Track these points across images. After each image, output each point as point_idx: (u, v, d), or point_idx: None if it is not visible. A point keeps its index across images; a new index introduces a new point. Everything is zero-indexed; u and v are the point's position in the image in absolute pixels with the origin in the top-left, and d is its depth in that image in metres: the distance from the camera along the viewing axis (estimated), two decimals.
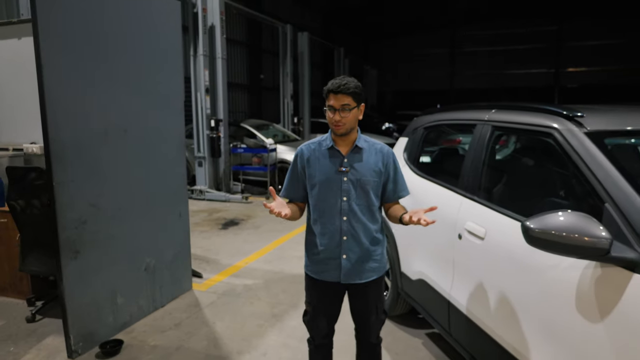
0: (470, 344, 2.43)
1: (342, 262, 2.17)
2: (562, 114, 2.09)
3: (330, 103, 2.07)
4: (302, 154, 2.22)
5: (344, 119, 2.06)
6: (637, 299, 1.50)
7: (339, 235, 2.16)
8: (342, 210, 2.14)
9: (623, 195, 1.67)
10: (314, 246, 2.22)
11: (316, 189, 2.17)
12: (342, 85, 2.04)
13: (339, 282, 2.21)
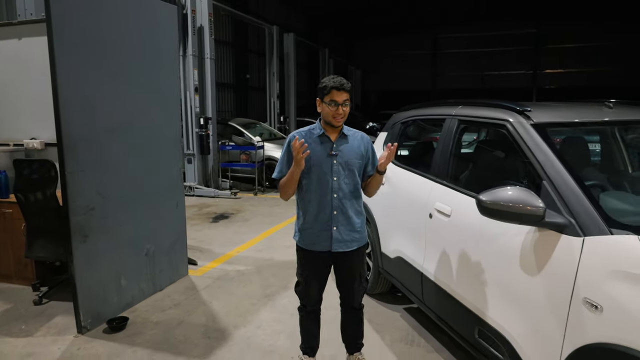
0: (439, 307, 2.81)
1: (333, 233, 2.52)
2: (514, 109, 2.47)
3: (334, 98, 2.42)
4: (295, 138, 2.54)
5: (344, 112, 2.43)
6: (564, 253, 1.87)
7: (330, 210, 2.51)
8: (333, 188, 2.50)
9: (557, 175, 2.04)
10: (308, 220, 2.55)
11: (310, 170, 2.50)
12: (344, 84, 2.43)
13: (329, 252, 2.55)
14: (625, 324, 1.60)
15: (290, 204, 8.13)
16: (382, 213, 3.56)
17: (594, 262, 1.75)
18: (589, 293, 1.73)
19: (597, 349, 1.68)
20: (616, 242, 1.74)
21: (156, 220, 4.10)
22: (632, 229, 1.76)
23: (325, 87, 2.44)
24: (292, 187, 2.51)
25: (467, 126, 2.95)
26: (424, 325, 3.46)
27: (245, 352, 3.12)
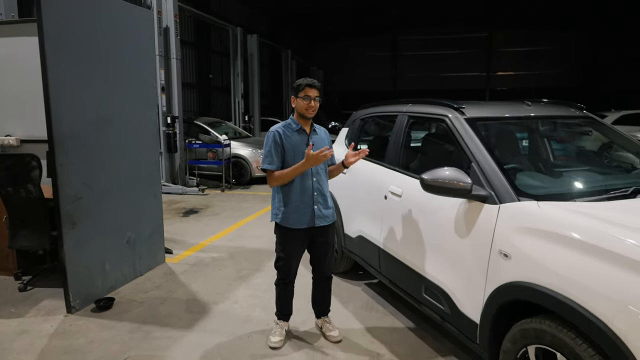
0: (394, 275, 3.30)
1: (315, 210, 2.99)
2: (452, 106, 2.99)
3: (307, 93, 2.90)
4: (278, 133, 2.98)
5: (315, 105, 2.91)
6: (485, 217, 2.39)
7: (311, 191, 2.98)
8: (312, 173, 2.98)
9: (482, 158, 2.57)
10: (293, 200, 2.98)
11: (294, 158, 2.94)
12: (315, 82, 2.93)
13: (310, 227, 3.00)
14: (527, 266, 2.12)
15: (257, 200, 8.52)
16: (345, 199, 4.03)
17: (505, 222, 2.28)
18: (502, 246, 2.25)
19: (509, 287, 2.19)
20: (521, 206, 2.27)
21: (136, 210, 4.41)
22: (533, 197, 2.30)
23: (300, 85, 2.91)
24: (290, 177, 2.92)
25: (415, 121, 3.46)
26: (382, 296, 3.96)
27: (225, 322, 3.51)
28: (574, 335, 1.91)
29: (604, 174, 3.02)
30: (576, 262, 1.93)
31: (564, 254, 1.98)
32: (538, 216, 2.18)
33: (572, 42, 26.06)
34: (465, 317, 2.54)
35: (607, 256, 1.84)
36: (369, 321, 3.51)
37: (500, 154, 2.76)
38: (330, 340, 3.20)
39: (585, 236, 1.95)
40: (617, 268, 1.80)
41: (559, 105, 3.48)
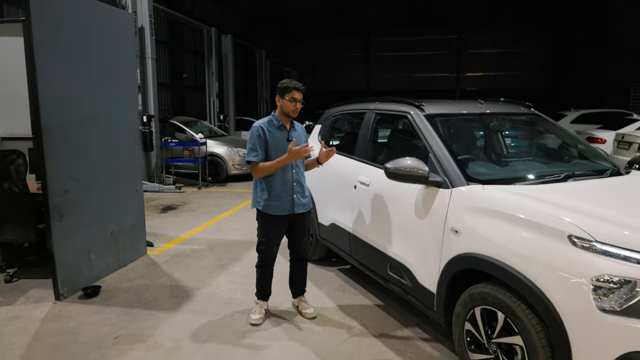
0: (363, 256, 3.64)
1: (294, 198, 3.30)
2: (413, 104, 3.34)
3: (294, 96, 3.21)
4: (262, 128, 3.27)
5: (299, 107, 3.23)
6: (440, 200, 2.74)
7: (291, 181, 3.28)
8: (292, 165, 3.28)
9: (438, 149, 2.92)
10: (275, 190, 3.27)
11: (275, 152, 3.24)
12: (301, 86, 3.24)
13: (290, 214, 3.31)
14: (472, 239, 2.48)
15: (233, 196, 8.76)
16: (318, 190, 4.34)
17: (456, 203, 2.64)
18: (453, 223, 2.61)
19: (459, 259, 2.55)
20: (469, 190, 2.63)
21: (119, 203, 4.62)
22: (480, 182, 2.66)
23: (287, 87, 3.21)
24: (273, 170, 3.21)
25: (382, 117, 3.80)
26: (353, 279, 4.29)
27: (209, 304, 3.78)
28: (510, 295, 2.28)
29: (544, 163, 3.43)
30: (511, 233, 2.30)
31: (502, 228, 2.35)
32: (482, 197, 2.54)
33: (539, 45, 27.14)
34: (424, 289, 2.89)
35: (536, 227, 2.22)
36: (341, 300, 3.84)
37: (454, 145, 3.13)
38: (306, 317, 3.51)
39: (519, 212, 2.32)
40: (542, 236, 2.17)
41: (510, 104, 3.88)
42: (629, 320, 1.92)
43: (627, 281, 1.95)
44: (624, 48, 19.81)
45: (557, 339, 2.07)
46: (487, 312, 2.44)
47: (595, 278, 1.98)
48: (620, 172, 3.16)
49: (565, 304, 2.04)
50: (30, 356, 2.99)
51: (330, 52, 29.27)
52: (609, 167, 3.23)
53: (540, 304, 2.12)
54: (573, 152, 3.58)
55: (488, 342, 2.46)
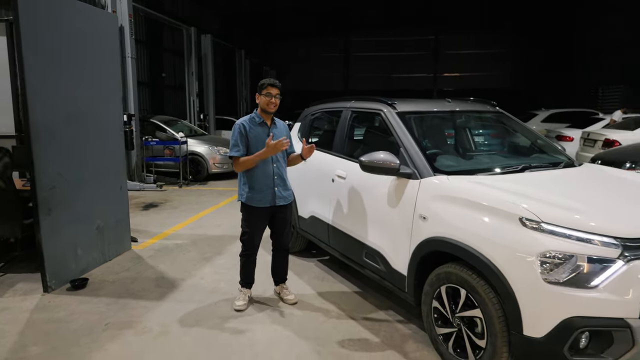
0: (340, 245, 3.88)
1: (276, 191, 3.50)
2: (386, 102, 3.59)
3: (269, 91, 3.42)
4: (243, 125, 3.47)
5: (276, 102, 3.44)
6: (410, 190, 2.99)
7: (272, 175, 3.48)
8: (273, 160, 3.48)
9: (408, 144, 3.17)
10: (257, 183, 3.47)
11: (256, 147, 3.43)
12: (276, 82, 3.46)
13: (271, 206, 3.51)
14: (438, 224, 2.73)
15: (214, 194, 8.90)
16: (298, 185, 4.54)
17: (424, 193, 2.89)
18: (421, 211, 2.86)
19: (427, 242, 2.81)
20: (435, 180, 2.89)
21: (104, 199, 4.75)
22: (445, 173, 2.93)
23: (263, 84, 3.44)
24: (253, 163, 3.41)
25: (357, 115, 4.04)
26: (332, 269, 4.52)
27: (194, 293, 3.96)
28: (471, 273, 2.54)
29: (506, 156, 3.73)
30: (472, 218, 2.56)
31: (464, 213, 2.61)
32: (446, 186, 2.81)
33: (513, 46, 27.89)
34: (397, 272, 3.14)
35: (492, 212, 2.48)
36: (321, 288, 4.07)
37: (424, 140, 3.39)
38: (287, 302, 3.73)
39: (478, 199, 2.59)
40: (498, 219, 2.44)
41: (477, 102, 4.17)
42: (570, 289, 2.20)
43: (570, 256, 2.22)
44: (594, 50, 20.59)
45: (510, 309, 2.34)
46: (452, 290, 2.70)
47: (542, 254, 2.25)
48: (574, 165, 3.47)
49: (517, 278, 2.31)
50: (24, 342, 3.13)
51: (310, 52, 29.51)
52: (564, 160, 3.54)
53: (496, 279, 2.39)
54: (533, 146, 3.88)
55: (452, 316, 2.72)
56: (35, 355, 2.97)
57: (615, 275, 2.19)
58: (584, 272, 2.21)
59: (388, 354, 2.98)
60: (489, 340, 2.47)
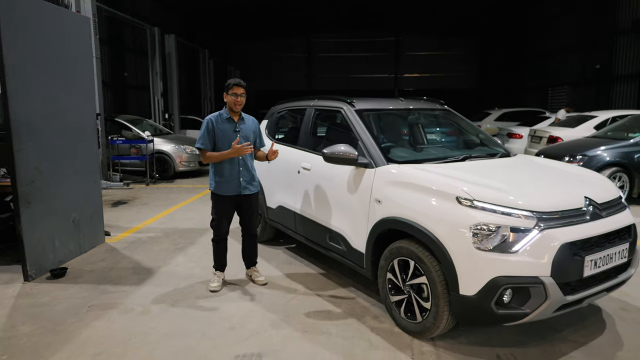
0: (306, 231, 4.26)
1: (241, 181, 3.84)
2: (345, 100, 4.01)
3: (235, 91, 3.75)
4: (212, 120, 3.81)
5: (241, 100, 3.77)
6: (367, 178, 3.41)
7: (237, 166, 3.82)
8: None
9: (365, 137, 3.60)
10: (223, 174, 3.82)
11: (222, 141, 3.77)
12: (241, 82, 3.78)
13: (237, 195, 3.85)
14: (391, 206, 3.17)
15: (182, 191, 9.12)
16: (266, 178, 4.90)
17: (379, 179, 3.32)
18: (376, 195, 3.29)
19: (381, 222, 3.23)
20: (388, 168, 3.33)
21: (79, 193, 4.95)
22: (397, 162, 3.37)
23: (229, 84, 3.77)
24: (219, 160, 3.76)
25: (320, 112, 4.44)
26: (299, 255, 4.91)
27: (170, 279, 4.26)
28: (418, 246, 2.98)
29: (451, 148, 4.21)
30: (418, 199, 3.00)
31: (411, 195, 3.06)
32: (397, 173, 3.25)
33: (470, 48, 29.13)
34: (356, 251, 3.56)
35: (435, 193, 2.93)
36: (288, 270, 4.45)
37: (379, 134, 3.83)
38: (258, 283, 4.08)
39: (423, 183, 3.04)
40: (439, 199, 2.89)
41: (427, 101, 4.65)
42: (496, 255, 2.66)
43: (497, 227, 2.69)
44: (544, 52, 21.84)
45: (449, 274, 2.79)
46: (403, 262, 3.14)
47: (474, 226, 2.71)
48: (508, 155, 3.99)
49: (455, 247, 2.76)
50: (12, 323, 3.36)
51: (273, 52, 29.81)
52: (500, 151, 4.06)
53: (438, 250, 2.83)
54: (475, 140, 4.39)
55: (403, 285, 3.15)
56: (26, 333, 3.21)
57: (532, 241, 2.67)
58: (508, 240, 2.69)
59: (349, 322, 3.39)
60: (433, 301, 2.92)
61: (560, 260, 2.68)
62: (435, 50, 29.79)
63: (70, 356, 2.91)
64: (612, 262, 2.95)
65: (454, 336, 3.15)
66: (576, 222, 2.83)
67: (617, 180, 7.33)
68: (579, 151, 7.60)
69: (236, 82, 3.79)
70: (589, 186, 3.21)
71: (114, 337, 3.16)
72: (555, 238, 2.70)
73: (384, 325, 3.32)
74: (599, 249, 2.87)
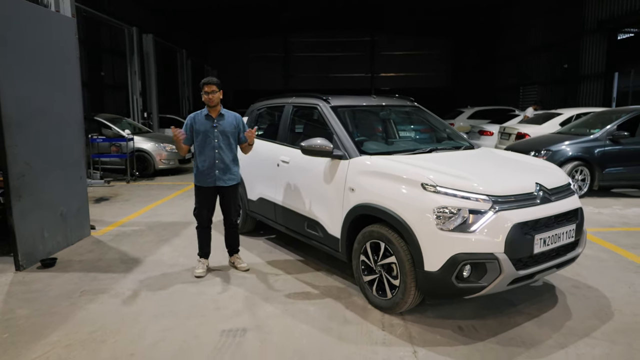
0: (286, 220, 4.54)
1: (217, 173, 4.08)
2: (322, 98, 4.30)
3: (206, 89, 4.01)
4: (191, 117, 4.08)
5: (213, 97, 4.01)
6: (341, 168, 3.71)
7: (214, 160, 4.06)
8: (215, 147, 4.05)
9: (340, 132, 3.90)
10: (201, 167, 4.08)
11: (200, 136, 4.03)
12: (211, 80, 4.04)
13: (214, 186, 4.10)
14: (363, 193, 3.47)
15: (163, 188, 9.28)
16: (247, 172, 5.15)
17: (352, 170, 3.62)
18: (350, 184, 3.59)
19: (355, 208, 3.54)
20: (360, 159, 3.64)
21: (66, 188, 5.13)
22: (369, 154, 3.68)
23: (201, 84, 4.07)
24: (180, 148, 4.08)
25: (298, 109, 4.73)
26: (278, 244, 5.18)
27: (157, 267, 4.48)
28: (388, 229, 3.29)
29: (419, 141, 4.56)
30: (387, 186, 3.32)
31: (382, 183, 3.37)
32: (369, 164, 3.56)
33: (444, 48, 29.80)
34: (332, 236, 3.86)
35: (403, 181, 3.25)
36: (269, 258, 4.72)
37: (353, 128, 4.14)
38: (241, 269, 4.35)
39: (392, 171, 3.36)
40: (407, 186, 3.21)
41: (398, 98, 4.98)
42: (456, 234, 2.99)
43: (458, 210, 3.02)
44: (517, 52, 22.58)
45: (415, 253, 3.11)
46: (374, 245, 3.44)
47: (437, 209, 3.04)
48: (472, 148, 4.34)
49: (420, 229, 3.08)
50: (10, 307, 3.55)
51: (250, 52, 29.93)
52: (464, 144, 4.41)
53: (405, 232, 3.15)
54: (442, 134, 4.74)
55: (375, 265, 3.46)
56: (24, 315, 3.41)
57: (487, 222, 3.01)
58: (467, 221, 3.02)
59: (326, 301, 3.69)
60: (402, 278, 3.23)
61: (513, 239, 3.02)
62: (411, 50, 30.35)
63: (68, 333, 3.13)
64: (560, 241, 3.31)
65: (421, 311, 3.48)
66: (527, 205, 3.18)
67: (579, 174, 7.80)
68: (544, 146, 8.06)
69: (206, 81, 4.07)
70: (540, 174, 3.57)
71: (108, 317, 3.39)
72: (508, 219, 3.04)
73: (357, 303, 3.63)
74: (548, 229, 3.22)
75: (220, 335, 3.13)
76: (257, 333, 3.16)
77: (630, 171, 7.82)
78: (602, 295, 3.79)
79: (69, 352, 2.91)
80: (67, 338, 3.08)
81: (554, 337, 3.12)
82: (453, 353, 2.92)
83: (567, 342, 3.05)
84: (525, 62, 22.05)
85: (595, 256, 4.70)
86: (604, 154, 7.74)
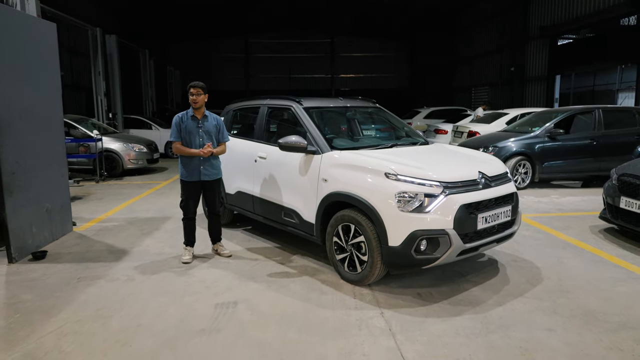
0: (263, 211, 5.03)
1: (201, 169, 4.52)
2: (295, 100, 4.81)
3: (191, 91, 4.45)
4: (179, 117, 4.49)
5: (197, 99, 4.43)
6: (315, 162, 4.24)
7: (198, 157, 4.49)
8: (200, 144, 4.47)
9: (312, 130, 4.42)
10: (187, 164, 4.50)
11: (187, 135, 4.45)
12: (197, 84, 4.46)
13: (199, 181, 4.54)
14: (334, 183, 4.01)
15: (134, 187, 9.52)
16: (226, 168, 5.57)
17: (324, 163, 4.16)
18: (323, 175, 4.13)
19: (327, 196, 4.07)
20: (331, 154, 4.18)
21: (51, 185, 5.40)
22: (338, 149, 4.23)
23: (189, 87, 4.49)
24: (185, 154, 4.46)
25: (272, 110, 5.22)
26: (255, 234, 5.65)
27: (144, 256, 4.85)
28: (357, 213, 3.84)
29: (382, 138, 5.15)
30: (355, 176, 3.87)
31: (350, 174, 3.92)
32: (339, 157, 4.11)
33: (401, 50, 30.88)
34: (307, 222, 4.38)
35: (369, 171, 3.81)
36: (248, 245, 5.19)
37: (323, 127, 4.67)
38: (224, 256, 4.80)
39: (359, 163, 3.91)
40: (372, 176, 3.77)
41: (362, 100, 5.56)
42: (414, 214, 3.58)
43: (415, 194, 3.60)
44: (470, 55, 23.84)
45: (381, 232, 3.67)
46: (345, 227, 3.99)
47: (398, 194, 3.61)
48: (427, 143, 4.97)
49: (384, 211, 3.65)
50: (13, 294, 3.86)
51: (211, 53, 29.97)
52: (420, 140, 5.04)
53: (372, 214, 3.70)
54: (401, 132, 5.36)
55: (346, 245, 4.01)
56: (29, 299, 3.73)
57: (439, 204, 3.61)
58: (423, 204, 3.61)
59: (304, 278, 4.20)
60: (369, 254, 3.79)
61: (460, 217, 3.64)
62: (369, 51, 31.28)
63: (76, 311, 3.50)
64: (499, 219, 3.97)
65: (386, 282, 4.05)
66: (472, 189, 3.81)
67: (522, 167, 8.65)
68: (492, 143, 8.87)
69: (192, 85, 4.51)
70: (483, 164, 4.23)
71: (109, 297, 3.77)
72: (456, 201, 3.66)
73: (331, 279, 4.16)
74: (488, 209, 3.87)
75: (215, 307, 3.59)
76: (247, 305, 3.64)
77: (566, 164, 8.75)
78: (534, 266, 4.49)
79: (81, 325, 3.29)
80: (76, 315, 3.45)
81: (494, 298, 3.76)
82: (413, 312, 3.51)
83: (504, 301, 3.70)
84: (477, 64, 23.36)
85: (532, 236, 5.44)
86: (543, 150, 8.62)
